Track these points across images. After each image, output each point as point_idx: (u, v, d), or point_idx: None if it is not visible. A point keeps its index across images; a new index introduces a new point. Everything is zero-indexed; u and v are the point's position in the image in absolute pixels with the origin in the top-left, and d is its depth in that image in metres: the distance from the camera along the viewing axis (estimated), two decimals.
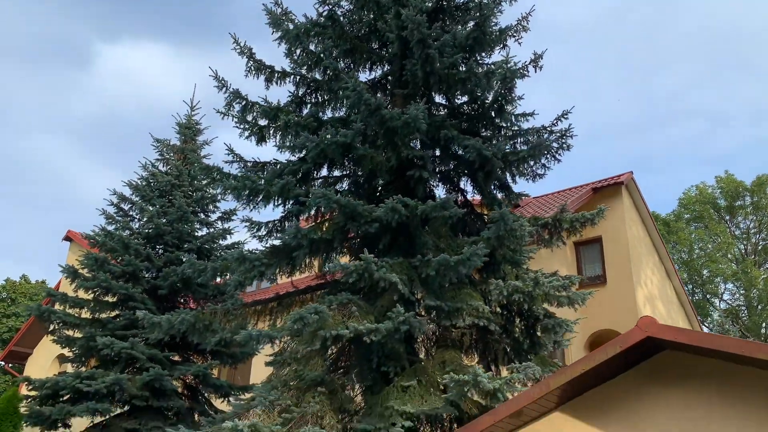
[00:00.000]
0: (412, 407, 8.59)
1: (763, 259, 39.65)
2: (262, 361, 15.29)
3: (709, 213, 38.74)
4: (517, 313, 10.37)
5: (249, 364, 18.26)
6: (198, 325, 10.54)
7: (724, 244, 37.80)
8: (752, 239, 39.93)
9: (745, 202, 38.95)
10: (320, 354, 9.40)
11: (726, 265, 37.89)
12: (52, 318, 13.49)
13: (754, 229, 40.03)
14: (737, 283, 37.75)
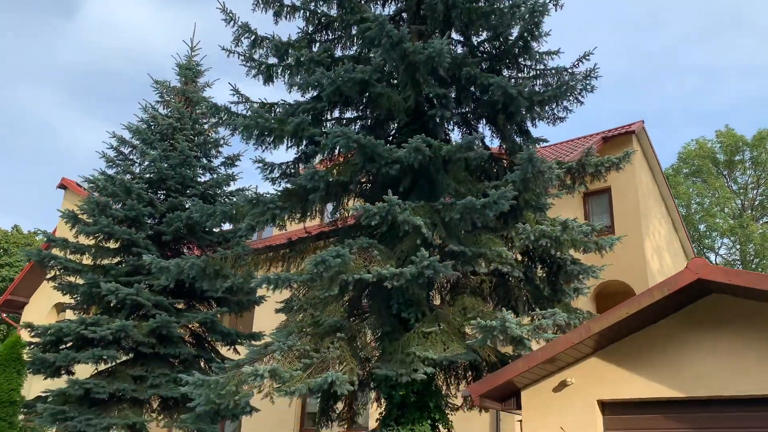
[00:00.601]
0: (434, 353, 8.33)
1: (760, 213, 39.66)
2: (265, 310, 15.03)
3: (708, 167, 38.51)
4: (539, 260, 10.07)
5: (251, 315, 18.02)
6: (208, 271, 10.20)
7: (722, 199, 37.70)
8: (749, 194, 39.86)
9: (744, 156, 38.71)
10: (338, 300, 9.09)
11: (723, 220, 37.89)
12: (53, 264, 13.07)
13: (752, 184, 39.94)
14: (733, 238, 37.82)
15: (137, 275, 12.96)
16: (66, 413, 11.36)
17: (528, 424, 6.88)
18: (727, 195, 37.81)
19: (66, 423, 11.40)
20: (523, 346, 8.09)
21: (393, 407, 9.48)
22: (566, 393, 6.74)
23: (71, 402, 11.80)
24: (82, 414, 11.50)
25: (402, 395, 9.23)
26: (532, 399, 6.91)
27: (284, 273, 8.27)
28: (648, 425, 6.39)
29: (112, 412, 11.66)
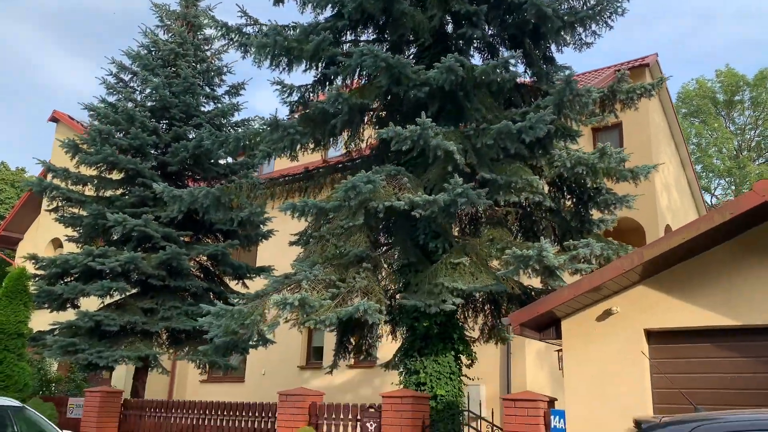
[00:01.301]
0: (463, 284, 8.07)
1: (757, 154, 39.54)
2: (269, 246, 14.69)
3: (708, 108, 38.08)
4: (568, 190, 9.75)
5: (255, 251, 17.67)
6: (223, 200, 9.81)
7: (721, 139, 37.43)
8: (747, 135, 39.65)
9: (744, 97, 38.27)
10: (362, 230, 8.75)
11: (721, 160, 37.75)
12: (55, 194, 12.61)
13: (750, 125, 39.68)
14: (729, 178, 37.79)
15: (143, 207, 12.55)
16: (76, 345, 11.14)
17: (569, 353, 6.68)
18: (726, 135, 37.52)
19: (77, 355, 11.19)
20: (556, 277, 7.87)
21: (416, 339, 9.30)
22: (611, 322, 6.52)
23: (81, 334, 11.57)
24: (92, 346, 11.29)
25: (426, 327, 9.03)
26: (573, 328, 6.70)
27: (311, 200, 7.88)
28: (696, 354, 6.20)
29: (123, 344, 11.46)
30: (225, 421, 9.68)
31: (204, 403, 10.02)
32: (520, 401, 6.81)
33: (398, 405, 7.62)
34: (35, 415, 8.54)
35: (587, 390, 6.51)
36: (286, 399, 8.62)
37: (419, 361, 9.17)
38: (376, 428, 7.81)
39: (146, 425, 10.61)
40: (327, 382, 16.94)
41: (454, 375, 9.23)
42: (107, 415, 10.74)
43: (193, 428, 10.02)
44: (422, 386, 9.01)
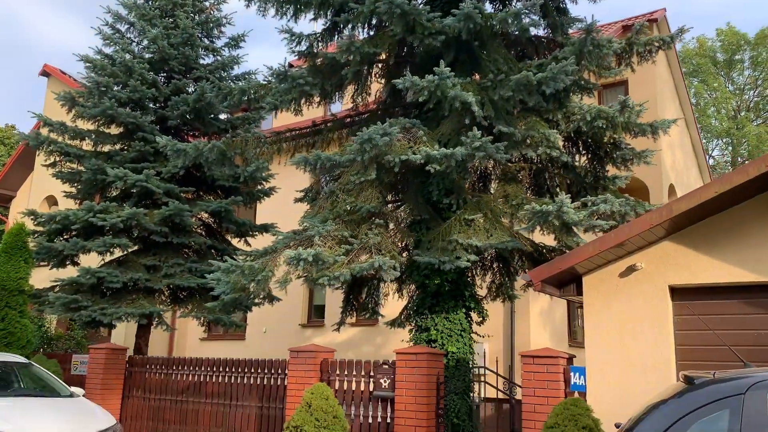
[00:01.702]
0: (478, 241, 7.90)
1: (755, 115, 39.34)
2: (267, 204, 14.43)
3: (708, 67, 37.65)
4: (583, 146, 9.53)
5: (253, 208, 17.43)
6: (229, 154, 9.55)
7: (720, 99, 37.13)
8: (746, 96, 39.37)
9: (744, 56, 37.85)
10: (373, 185, 8.53)
11: (719, 120, 37.53)
12: (53, 148, 12.26)
13: (749, 85, 39.39)
14: (727, 139, 37.65)
15: (144, 162, 12.23)
16: (79, 302, 10.97)
17: (590, 310, 6.57)
18: (725, 95, 37.21)
19: (79, 312, 11.02)
20: (573, 233, 7.71)
21: (426, 296, 9.18)
22: (634, 278, 6.39)
23: (83, 291, 11.38)
24: (95, 303, 11.12)
25: (437, 284, 8.91)
26: (595, 285, 6.57)
27: (323, 153, 7.63)
28: (722, 310, 6.10)
29: (126, 301, 11.29)
30: (234, 378, 9.59)
31: (212, 360, 9.92)
32: (539, 358, 6.72)
33: (413, 361, 7.52)
34: (42, 371, 8.42)
35: (608, 347, 6.41)
36: (297, 356, 8.52)
37: (430, 319, 9.07)
38: (390, 384, 7.73)
39: (152, 382, 10.52)
40: (329, 340, 16.93)
41: (465, 332, 9.14)
42: (112, 372, 10.64)
43: (200, 385, 9.94)
44: (433, 343, 8.92)
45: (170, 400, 10.21)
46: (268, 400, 9.19)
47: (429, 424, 7.32)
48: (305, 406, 7.15)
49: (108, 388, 10.47)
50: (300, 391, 8.33)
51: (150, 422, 10.31)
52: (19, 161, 23.55)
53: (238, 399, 9.49)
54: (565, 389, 6.60)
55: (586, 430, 5.39)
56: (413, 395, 7.41)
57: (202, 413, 9.79)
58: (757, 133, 36.16)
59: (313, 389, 7.26)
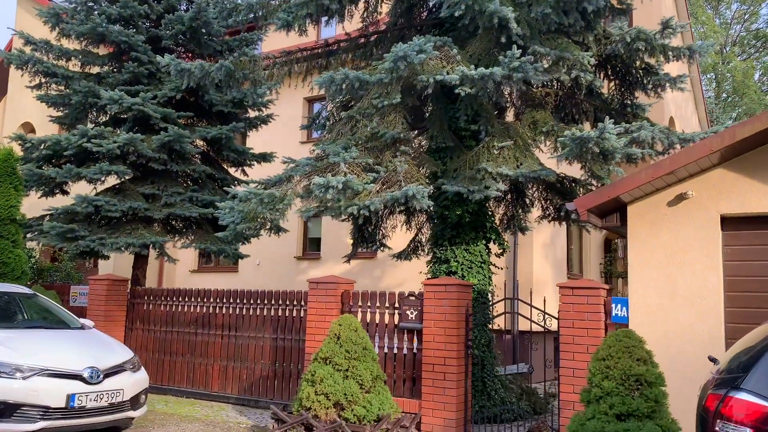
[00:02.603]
0: (509, 169, 7.56)
1: (741, 49, 39.08)
2: (259, 133, 13.83)
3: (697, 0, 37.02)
4: (612, 71, 9.11)
5: (244, 137, 16.80)
6: (237, 75, 8.95)
7: (708, 32, 36.66)
8: (732, 30, 39.01)
9: None
10: (397, 110, 8.05)
11: (707, 55, 37.18)
12: (38, 68, 11.44)
13: (737, 19, 39.00)
14: (711, 74, 37.45)
15: (137, 85, 11.51)
16: (75, 231, 10.46)
17: (635, 240, 6.33)
18: (713, 29, 36.73)
19: (76, 242, 10.53)
20: (610, 161, 7.39)
21: (446, 227, 8.90)
22: (683, 207, 6.13)
23: (78, 221, 10.85)
24: (93, 233, 10.62)
25: (458, 215, 8.61)
26: (641, 214, 6.31)
27: (353, 72, 7.09)
28: None
29: (123, 231, 10.81)
30: (246, 309, 9.29)
31: (221, 292, 9.59)
32: (578, 289, 6.50)
33: (442, 293, 7.27)
34: (48, 302, 8.00)
35: (653, 277, 6.21)
36: (316, 287, 8.22)
37: (450, 250, 8.82)
38: (417, 316, 7.49)
39: (157, 314, 10.19)
40: (324, 273, 16.72)
41: (485, 264, 8.94)
42: (114, 303, 10.27)
43: (209, 317, 9.64)
44: (453, 275, 8.71)
45: (177, 331, 9.91)
46: (283, 331, 8.94)
47: (459, 356, 7.14)
48: (333, 338, 6.90)
49: (110, 319, 10.12)
50: (321, 322, 8.09)
51: (156, 354, 10.03)
52: None
53: (250, 331, 9.23)
54: (605, 321, 6.42)
55: (641, 362, 5.19)
56: (442, 327, 7.19)
57: (211, 345, 9.53)
58: (745, 67, 35.98)
59: (341, 321, 6.99)
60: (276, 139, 15.57)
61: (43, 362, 6.08)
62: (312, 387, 6.67)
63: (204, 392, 9.47)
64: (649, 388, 5.09)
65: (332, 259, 16.62)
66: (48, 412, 5.88)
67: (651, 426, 4.91)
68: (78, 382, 6.12)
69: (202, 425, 7.58)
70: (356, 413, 6.56)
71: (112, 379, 6.43)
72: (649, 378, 5.10)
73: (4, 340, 6.32)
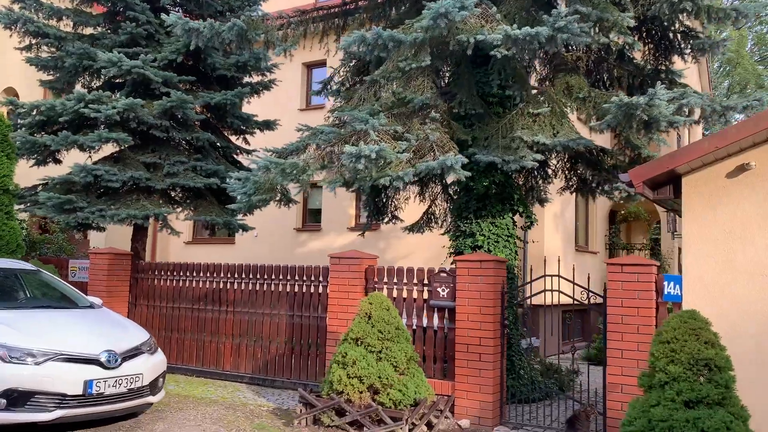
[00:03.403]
0: (546, 138, 7.11)
1: None
2: (256, 100, 13.15)
3: None
4: (647, 34, 8.65)
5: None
6: (250, 35, 8.33)
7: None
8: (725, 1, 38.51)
9: None
10: (425, 74, 7.54)
11: None
12: (28, 28, 10.68)
13: None
14: None
15: (135, 47, 10.82)
16: (73, 202, 9.86)
17: (690, 214, 5.94)
18: None
19: (75, 214, 9.94)
20: (655, 130, 6.97)
21: (471, 199, 8.47)
22: (744, 179, 5.74)
23: (76, 191, 10.25)
24: (92, 204, 10.03)
25: (485, 186, 8.17)
26: (697, 187, 5.91)
27: (387, 31, 6.53)
28: None
29: (124, 202, 10.23)
30: (260, 286, 8.83)
31: (233, 266, 9.11)
32: (628, 266, 6.12)
33: (476, 269, 6.86)
34: (52, 278, 7.47)
35: (710, 253, 5.84)
36: (338, 262, 7.77)
37: (475, 223, 8.40)
38: (449, 293, 7.09)
39: (162, 289, 9.69)
40: (326, 244, 16.29)
41: (511, 237, 8.54)
42: (116, 278, 9.75)
43: (220, 293, 9.17)
44: (478, 249, 8.31)
45: (185, 308, 9.43)
46: (300, 308, 8.50)
47: (495, 335, 6.77)
48: (364, 318, 6.48)
49: (113, 295, 9.61)
50: (343, 299, 7.67)
51: (162, 331, 9.56)
52: None
53: (264, 307, 8.77)
54: (657, 299, 6.06)
55: (709, 345, 4.85)
56: (478, 305, 6.80)
57: (222, 321, 9.08)
58: (737, 37, 35.58)
59: (371, 299, 6.57)
60: (272, 106, 14.91)
61: (56, 346, 5.59)
62: (343, 369, 6.27)
63: (215, 371, 9.05)
64: (719, 373, 4.76)
65: (333, 230, 16.17)
66: (64, 400, 5.42)
67: (722, 413, 4.58)
68: (95, 366, 5.65)
69: (222, 408, 7.17)
70: (392, 397, 6.18)
71: (130, 362, 5.97)
72: (718, 362, 4.76)
73: (10, 321, 5.81)
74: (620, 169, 8.71)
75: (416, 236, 11.65)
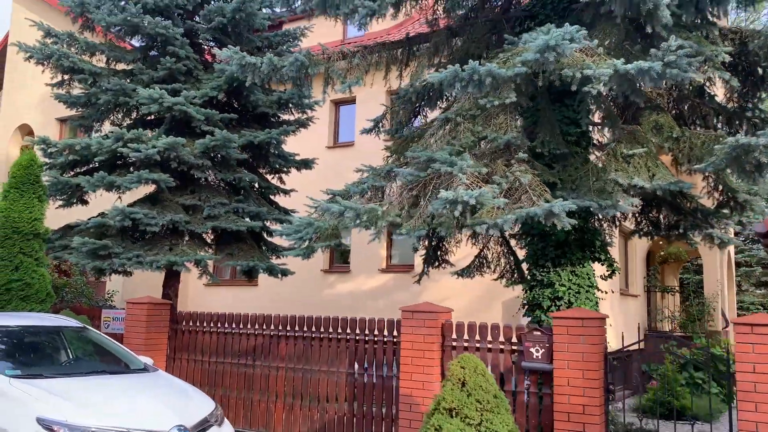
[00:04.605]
0: (644, 181, 6.51)
1: None
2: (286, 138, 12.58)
3: None
4: (734, 69, 8.12)
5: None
6: (311, 71, 7.76)
7: None
8: None
9: None
10: (507, 111, 6.97)
11: None
12: (63, 64, 10.12)
13: None
14: None
15: (174, 83, 10.27)
16: (109, 248, 9.18)
17: None
18: None
19: (111, 260, 9.25)
20: (764, 172, 6.37)
21: (548, 246, 7.81)
22: None
23: (110, 235, 9.57)
24: (128, 250, 9.35)
25: (565, 232, 7.52)
26: None
27: (483, 65, 5.95)
28: None
29: (162, 247, 9.55)
30: (316, 339, 8.09)
31: (284, 318, 8.39)
32: (760, 326, 5.45)
33: (577, 328, 6.18)
34: (101, 336, 6.74)
35: None
36: (411, 316, 7.07)
37: (554, 272, 7.73)
38: (544, 354, 6.38)
39: (205, 342, 8.94)
40: (355, 287, 15.58)
41: (592, 288, 7.86)
42: (155, 330, 9.00)
43: (270, 347, 8.43)
44: (558, 301, 7.63)
45: (230, 363, 8.68)
46: (363, 365, 7.77)
47: (600, 402, 6.06)
48: (457, 384, 5.74)
49: (151, 348, 8.85)
50: (417, 358, 6.95)
51: (205, 387, 8.76)
52: None
53: (321, 363, 8.03)
54: None
55: None
56: (580, 368, 6.10)
57: (273, 379, 8.32)
58: None
59: (462, 362, 5.83)
60: (299, 144, 14.33)
61: (122, 422, 4.84)
62: None
63: None
64: None
65: (364, 272, 15.46)
66: None
67: None
68: None
69: None
70: None
71: None
72: None
73: (65, 392, 5.08)
74: (707, 213, 8.11)
75: (454, 279, 10.94)
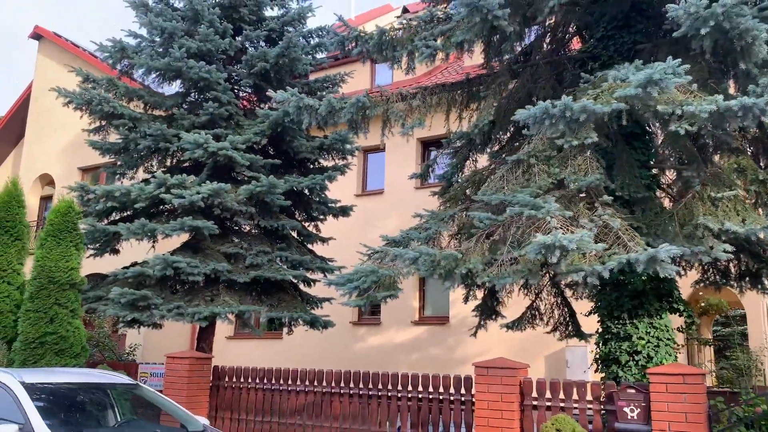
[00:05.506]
0: (737, 225, 6.08)
1: None
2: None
3: None
4: None
5: None
6: (369, 113, 7.46)
7: None
8: None
9: None
10: (585, 152, 6.61)
11: None
12: (103, 108, 9.85)
13: None
14: None
15: (215, 128, 9.98)
16: (148, 299, 8.71)
17: None
18: None
19: (150, 312, 8.77)
20: None
21: (622, 296, 7.33)
22: None
23: (149, 286, 9.11)
24: (168, 301, 8.88)
25: (643, 281, 7.07)
26: None
27: (574, 102, 5.61)
28: None
29: (204, 298, 9.08)
30: (377, 399, 7.53)
31: (337, 374, 7.85)
32: None
33: (678, 385, 5.65)
34: (151, 392, 6.19)
35: None
36: (487, 372, 6.54)
37: (631, 325, 7.22)
38: (640, 414, 5.83)
39: (250, 400, 8.37)
40: (385, 340, 15.00)
41: (671, 341, 7.34)
42: (196, 386, 8.45)
43: (321, 405, 7.85)
44: (637, 355, 7.11)
45: (278, 422, 8.09)
46: (427, 426, 7.19)
47: None
48: None
49: (193, 407, 8.27)
50: (495, 418, 6.40)
51: None
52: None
53: (378, 423, 7.45)
54: None
55: None
56: (683, 429, 5.54)
57: None
58: None
59: (558, 424, 5.36)
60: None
61: None
62: None
63: None
64: None
65: (395, 325, 14.89)
66: None
67: None
68: None
69: None
70: None
71: None
72: None
73: None
74: None
75: (488, 333, 10.35)
